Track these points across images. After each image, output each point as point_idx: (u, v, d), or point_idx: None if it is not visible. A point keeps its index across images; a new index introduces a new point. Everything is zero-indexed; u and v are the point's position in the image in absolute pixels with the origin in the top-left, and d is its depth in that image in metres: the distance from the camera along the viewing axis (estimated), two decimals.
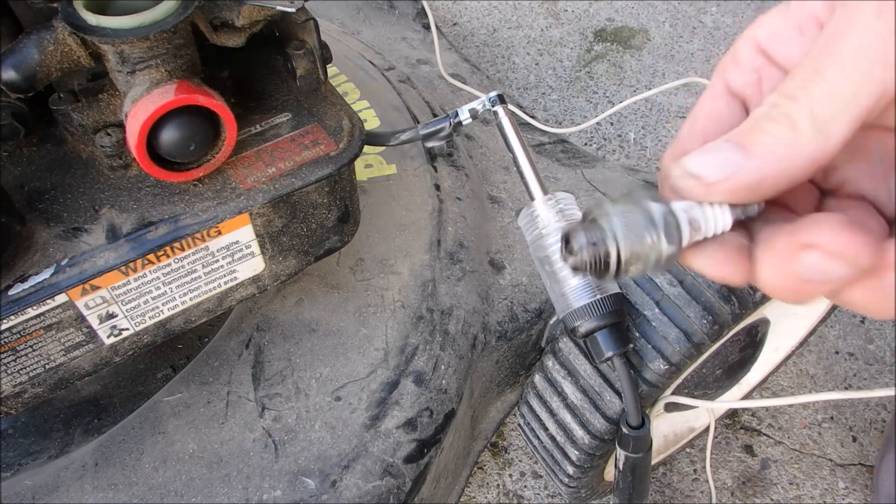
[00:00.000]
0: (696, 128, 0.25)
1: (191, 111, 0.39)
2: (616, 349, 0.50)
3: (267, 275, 0.48)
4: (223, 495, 0.49)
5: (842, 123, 0.19)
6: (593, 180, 0.78)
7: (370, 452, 0.52)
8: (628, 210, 0.22)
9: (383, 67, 0.87)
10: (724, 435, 0.81)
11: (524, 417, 0.66)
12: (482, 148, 0.82)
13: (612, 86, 1.20)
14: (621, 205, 0.22)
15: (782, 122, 0.19)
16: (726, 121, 0.25)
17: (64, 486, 0.49)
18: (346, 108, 0.48)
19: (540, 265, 0.52)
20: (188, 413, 0.53)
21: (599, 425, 0.56)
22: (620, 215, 0.22)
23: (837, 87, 0.19)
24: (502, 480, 0.77)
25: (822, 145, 0.19)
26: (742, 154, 0.20)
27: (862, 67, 0.18)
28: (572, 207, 0.51)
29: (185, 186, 0.43)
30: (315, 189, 0.46)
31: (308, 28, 0.47)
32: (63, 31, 0.38)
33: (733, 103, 0.25)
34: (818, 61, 0.19)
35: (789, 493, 0.76)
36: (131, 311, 0.43)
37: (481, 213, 0.71)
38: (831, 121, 0.19)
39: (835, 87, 0.19)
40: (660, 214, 0.21)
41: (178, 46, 0.39)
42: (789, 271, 0.19)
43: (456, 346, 0.59)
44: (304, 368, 0.56)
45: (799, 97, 0.19)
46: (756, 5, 1.35)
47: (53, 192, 0.43)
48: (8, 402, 0.42)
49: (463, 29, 1.30)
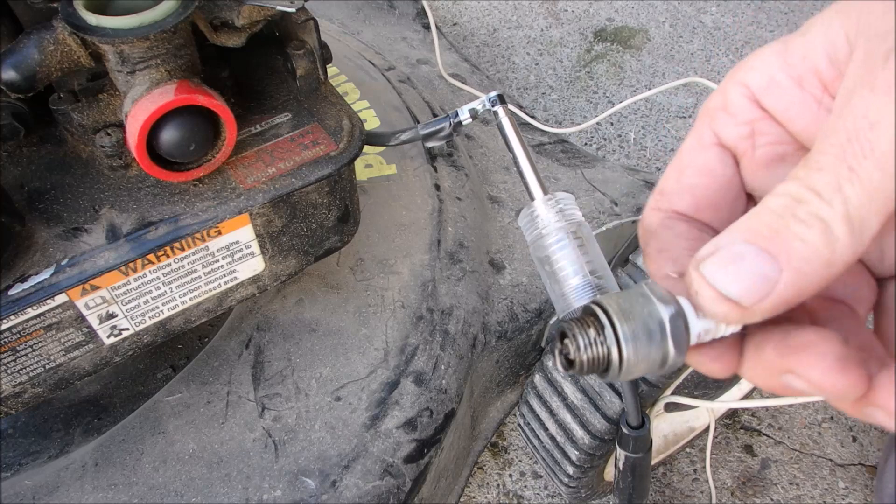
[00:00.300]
0: (683, 181, 0.23)
1: (191, 111, 0.39)
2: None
3: (267, 275, 0.48)
4: (223, 495, 0.49)
5: (877, 221, 0.17)
6: (593, 180, 0.78)
7: (370, 452, 0.52)
8: (634, 311, 0.20)
9: (383, 67, 0.87)
10: (724, 435, 0.81)
11: (524, 417, 0.66)
12: (482, 148, 0.82)
13: (612, 86, 1.20)
14: (627, 303, 0.20)
15: (815, 225, 0.18)
16: (719, 175, 0.23)
17: (64, 486, 0.49)
18: (346, 108, 0.48)
19: (540, 265, 0.52)
20: (188, 413, 0.53)
21: (599, 425, 0.56)
22: (625, 317, 0.20)
23: (875, 186, 0.17)
24: (502, 480, 0.77)
25: (857, 248, 0.18)
26: (773, 265, 0.18)
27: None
28: (572, 207, 0.51)
29: (185, 186, 0.43)
30: (315, 189, 0.46)
31: (308, 28, 0.47)
32: (63, 31, 0.38)
33: (724, 157, 0.23)
34: (849, 154, 0.17)
35: (789, 493, 0.76)
36: (131, 311, 0.43)
37: (481, 213, 0.71)
38: (867, 221, 0.17)
39: (871, 185, 0.17)
40: (669, 321, 0.20)
41: (178, 46, 0.39)
42: (777, 383, 0.19)
43: (456, 346, 0.59)
44: (304, 368, 0.56)
45: (832, 198, 0.17)
46: (756, 5, 1.35)
47: (53, 192, 0.43)
48: (8, 402, 0.42)
49: (463, 29, 1.30)
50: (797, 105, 0.22)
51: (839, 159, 0.17)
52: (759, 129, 0.23)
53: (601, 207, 0.73)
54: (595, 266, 0.37)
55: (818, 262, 0.18)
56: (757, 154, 0.23)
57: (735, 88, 0.23)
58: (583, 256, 0.34)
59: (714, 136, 0.23)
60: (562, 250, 0.43)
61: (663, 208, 0.23)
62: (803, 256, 0.18)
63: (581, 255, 0.34)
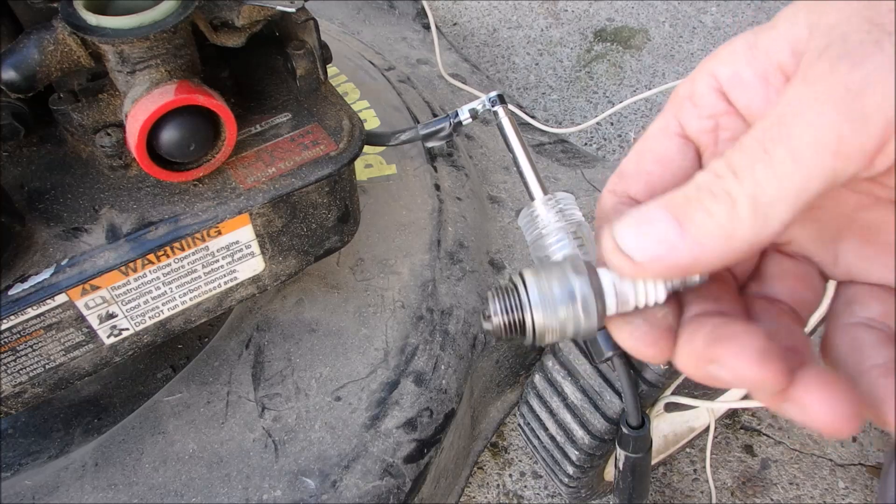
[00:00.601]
0: (642, 166, 0.24)
1: (191, 111, 0.39)
2: (616, 349, 0.50)
3: (267, 275, 0.48)
4: (223, 495, 0.49)
5: (784, 209, 0.17)
6: (593, 180, 0.78)
7: (370, 452, 0.52)
8: (548, 279, 0.21)
9: (383, 67, 0.87)
10: (724, 435, 0.81)
11: (524, 417, 0.66)
12: (482, 148, 0.82)
13: (612, 86, 1.20)
14: (543, 272, 0.21)
15: (722, 200, 0.18)
16: (676, 166, 0.23)
17: (64, 486, 0.49)
18: (346, 108, 0.48)
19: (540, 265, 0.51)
20: (188, 413, 0.53)
21: (599, 425, 0.56)
22: (537, 284, 0.21)
23: (784, 172, 0.17)
24: (502, 480, 0.77)
25: (760, 231, 0.18)
26: (677, 231, 0.19)
27: (812, 154, 0.17)
28: (572, 207, 0.51)
29: (185, 186, 0.43)
30: (315, 189, 0.46)
31: (308, 28, 0.47)
32: (63, 31, 0.38)
33: (685, 148, 0.23)
34: (767, 138, 0.18)
35: (789, 493, 0.76)
36: (131, 311, 0.43)
37: (481, 213, 0.71)
38: (773, 206, 0.17)
39: (782, 171, 0.17)
40: (580, 288, 0.21)
41: (178, 46, 0.39)
42: (703, 372, 0.19)
43: (456, 346, 0.59)
44: (304, 368, 0.56)
45: (743, 176, 0.18)
46: (756, 5, 1.35)
47: (53, 192, 0.43)
48: (8, 402, 0.42)
49: (463, 29, 1.30)
50: (760, 101, 0.21)
51: (758, 141, 0.18)
52: (723, 123, 0.23)
53: None
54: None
55: (718, 237, 0.18)
56: (719, 149, 0.23)
57: (704, 79, 0.23)
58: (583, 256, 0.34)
59: (678, 125, 0.23)
60: (562, 250, 0.43)
61: (619, 192, 0.24)
62: (705, 228, 0.18)
63: (581, 255, 0.34)
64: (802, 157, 0.17)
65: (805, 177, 0.17)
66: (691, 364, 0.20)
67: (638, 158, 0.24)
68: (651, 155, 0.23)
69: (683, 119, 0.23)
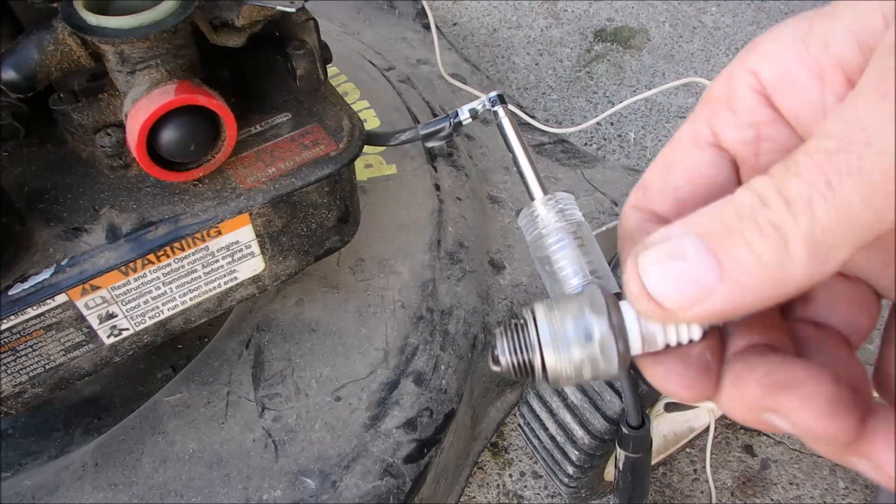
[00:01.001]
0: (669, 180, 0.20)
1: (191, 111, 0.39)
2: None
3: (267, 275, 0.48)
4: (223, 495, 0.49)
5: (847, 250, 0.15)
6: (593, 180, 0.78)
7: (370, 452, 0.52)
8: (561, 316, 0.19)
9: (383, 67, 0.87)
10: (724, 435, 0.81)
11: (524, 417, 0.66)
12: (482, 148, 0.82)
13: (612, 86, 1.20)
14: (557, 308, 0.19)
15: (771, 236, 0.15)
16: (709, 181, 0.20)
17: (64, 486, 0.49)
18: (346, 108, 0.48)
19: (540, 265, 0.51)
20: (188, 413, 0.53)
21: (599, 425, 0.56)
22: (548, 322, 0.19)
23: (851, 213, 0.14)
24: (502, 480, 0.77)
25: (814, 274, 0.15)
26: (715, 271, 0.16)
27: (888, 192, 0.14)
28: (572, 207, 0.51)
29: (185, 186, 0.43)
30: (315, 189, 0.46)
31: (308, 28, 0.47)
32: (63, 31, 0.38)
33: (720, 160, 0.20)
34: (832, 168, 0.14)
35: (789, 493, 0.76)
36: (131, 311, 0.43)
37: (481, 213, 0.71)
38: (834, 248, 0.15)
39: (849, 212, 0.14)
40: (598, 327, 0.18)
41: (178, 46, 0.39)
42: (756, 419, 0.17)
43: (456, 346, 0.59)
44: (304, 368, 0.56)
45: (799, 210, 0.15)
46: (756, 5, 1.35)
47: (53, 192, 0.43)
48: (8, 402, 0.42)
49: (463, 29, 1.30)
50: (812, 107, 0.18)
51: (820, 169, 0.15)
52: (766, 133, 0.19)
53: (601, 207, 0.73)
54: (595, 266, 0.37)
55: (764, 280, 0.15)
56: (761, 162, 0.19)
57: (743, 78, 0.19)
58: (583, 257, 0.34)
59: (711, 134, 0.20)
60: (562, 250, 0.43)
61: (643, 208, 0.21)
62: (749, 269, 0.15)
63: (581, 255, 0.34)
64: (875, 195, 0.14)
65: (876, 218, 0.14)
66: (742, 411, 0.17)
67: (664, 171, 0.21)
68: (680, 167, 0.20)
69: (718, 126, 0.20)
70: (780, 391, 0.16)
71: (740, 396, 0.17)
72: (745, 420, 0.17)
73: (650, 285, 0.17)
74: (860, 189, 0.14)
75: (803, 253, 0.15)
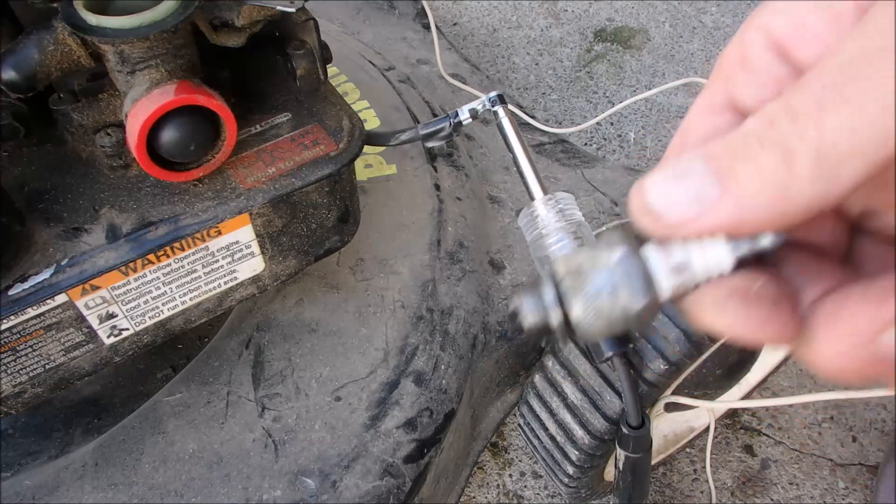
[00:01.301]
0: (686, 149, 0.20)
1: (191, 111, 0.39)
2: (616, 349, 0.50)
3: (267, 275, 0.48)
4: (223, 495, 0.49)
5: (857, 166, 0.14)
6: (593, 180, 0.78)
7: (370, 452, 0.52)
8: (582, 263, 0.18)
9: (383, 67, 0.87)
10: (724, 435, 0.81)
11: (524, 417, 0.66)
12: (482, 148, 0.82)
13: (612, 86, 1.20)
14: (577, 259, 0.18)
15: (775, 152, 0.14)
16: None
17: (64, 486, 0.49)
18: (346, 108, 0.48)
19: (540, 265, 0.52)
20: (188, 413, 0.53)
21: (599, 425, 0.56)
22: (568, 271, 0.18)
23: (864, 121, 0.13)
24: (502, 480, 0.77)
25: (822, 191, 0.14)
26: (715, 188, 0.15)
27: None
28: (572, 207, 0.51)
29: (185, 186, 0.43)
30: (315, 189, 0.46)
31: (308, 28, 0.47)
32: (63, 31, 0.38)
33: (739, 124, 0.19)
34: (843, 77, 0.14)
35: (789, 493, 0.76)
36: (131, 311, 0.43)
37: (481, 213, 0.71)
38: (844, 162, 0.14)
39: (861, 120, 0.13)
40: (619, 263, 0.17)
41: (178, 46, 0.39)
42: (864, 351, 0.15)
43: (456, 346, 0.59)
44: (304, 368, 0.56)
45: (805, 122, 0.14)
46: (756, 5, 1.35)
47: (53, 192, 0.43)
48: (8, 402, 0.42)
49: (463, 29, 1.30)
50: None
51: (829, 80, 0.14)
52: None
53: (601, 207, 0.73)
54: None
55: (766, 197, 0.15)
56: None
57: (756, 37, 0.18)
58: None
59: (728, 98, 0.19)
60: (562, 250, 0.43)
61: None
62: (751, 185, 0.15)
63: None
64: (891, 100, 0.13)
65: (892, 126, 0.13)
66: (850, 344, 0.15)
67: (681, 141, 0.20)
68: (697, 135, 0.19)
69: (735, 90, 0.19)
70: (888, 298, 0.14)
71: (847, 326, 0.15)
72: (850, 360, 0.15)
73: (651, 201, 0.16)
74: (876, 93, 0.13)
75: (809, 168, 0.14)
